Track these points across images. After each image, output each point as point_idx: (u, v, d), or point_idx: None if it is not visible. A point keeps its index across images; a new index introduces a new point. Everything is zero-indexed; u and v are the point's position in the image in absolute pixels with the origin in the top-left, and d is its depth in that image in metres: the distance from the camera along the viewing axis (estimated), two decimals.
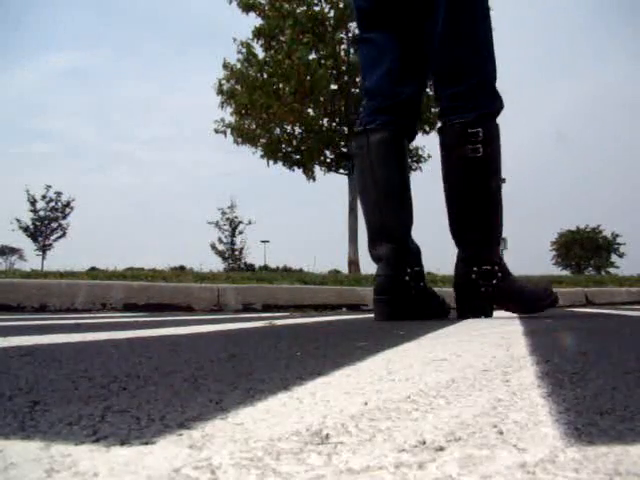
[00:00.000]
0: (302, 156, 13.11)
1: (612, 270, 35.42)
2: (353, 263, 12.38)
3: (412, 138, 2.25)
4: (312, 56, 12.30)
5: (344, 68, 12.85)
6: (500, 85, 2.11)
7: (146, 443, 0.33)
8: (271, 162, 13.21)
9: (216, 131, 13.07)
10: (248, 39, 12.62)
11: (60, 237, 25.12)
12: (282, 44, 12.24)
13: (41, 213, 24.64)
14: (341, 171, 13.44)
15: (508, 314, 2.74)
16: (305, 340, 1.12)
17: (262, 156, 13.19)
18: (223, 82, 12.72)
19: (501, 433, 0.35)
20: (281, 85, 12.12)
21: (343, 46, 13.10)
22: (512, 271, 2.27)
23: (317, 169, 13.42)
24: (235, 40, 12.63)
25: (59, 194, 25.03)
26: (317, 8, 12.54)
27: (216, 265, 18.48)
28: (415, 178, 13.26)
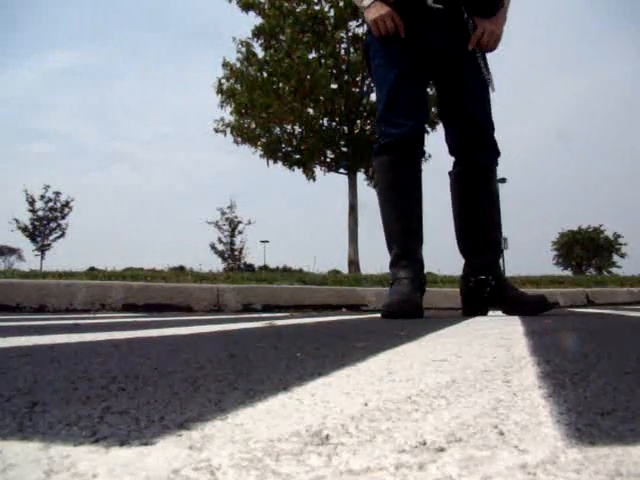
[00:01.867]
0: (302, 156, 13.11)
1: (614, 270, 35.44)
2: (353, 263, 12.38)
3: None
4: (312, 55, 12.30)
5: (344, 67, 12.85)
6: (500, 84, 2.26)
7: (145, 444, 0.33)
8: (271, 162, 13.22)
9: (216, 130, 13.08)
10: (248, 38, 12.63)
11: (59, 237, 25.13)
12: (282, 43, 12.24)
13: (40, 213, 24.65)
14: (341, 171, 13.44)
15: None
16: (305, 340, 1.12)
17: (262, 156, 13.19)
18: (223, 81, 12.73)
19: (502, 434, 0.34)
20: (281, 84, 12.12)
21: (343, 45, 13.10)
22: (512, 271, 2.37)
23: (317, 169, 13.43)
24: (235, 39, 12.64)
25: (58, 194, 25.05)
26: (317, 7, 12.54)
27: (216, 265, 18.50)
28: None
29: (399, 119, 2.35)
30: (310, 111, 12.88)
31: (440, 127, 2.61)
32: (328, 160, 13.34)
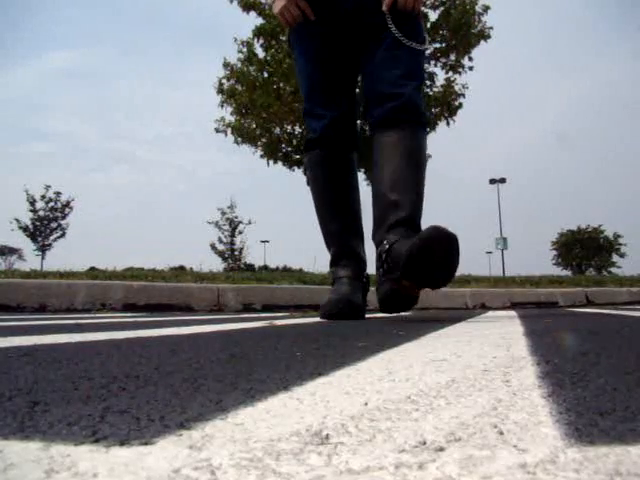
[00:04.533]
0: (302, 156, 13.10)
1: (614, 270, 35.46)
2: None
3: None
4: None
5: None
6: (501, 85, 2.24)
7: (146, 443, 0.33)
8: (271, 162, 13.21)
9: (217, 130, 13.07)
10: (249, 38, 12.62)
11: (59, 237, 25.15)
12: (282, 44, 12.23)
13: (40, 213, 24.67)
14: None
15: (506, 313, 2.75)
16: (305, 340, 1.12)
17: (262, 156, 13.19)
18: (223, 81, 12.72)
19: (501, 433, 0.35)
20: (281, 84, 12.12)
21: None
22: (512, 271, 2.31)
23: None
24: (236, 40, 12.64)
25: (58, 194, 25.07)
26: None
27: (216, 265, 18.52)
28: None
29: (319, 110, 2.23)
30: None
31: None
32: None
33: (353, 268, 2.24)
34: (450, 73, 12.62)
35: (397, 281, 1.82)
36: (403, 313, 2.60)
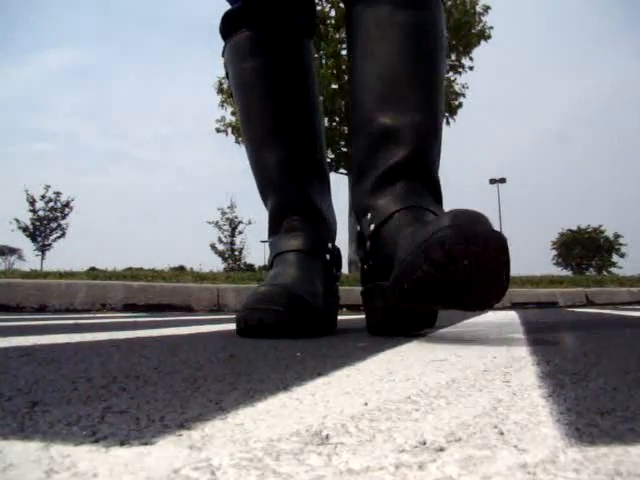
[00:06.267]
0: None
1: (614, 270, 35.50)
2: (353, 263, 12.39)
3: None
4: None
5: (345, 67, 12.86)
6: (501, 84, 2.11)
7: (145, 444, 0.33)
8: None
9: (217, 130, 13.09)
10: None
11: (59, 237, 25.18)
12: None
13: (40, 213, 24.70)
14: (341, 171, 13.44)
15: (506, 313, 2.75)
16: (305, 340, 1.12)
17: None
18: (223, 81, 12.73)
19: (502, 434, 0.34)
20: None
21: (344, 45, 13.10)
22: (512, 271, 2.27)
23: None
24: None
25: (58, 194, 25.10)
26: (318, 8, 12.55)
27: (216, 265, 18.53)
28: None
29: None
30: None
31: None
32: (328, 160, 13.36)
33: (308, 233, 1.27)
34: (450, 73, 12.64)
35: (393, 298, 0.97)
36: None
